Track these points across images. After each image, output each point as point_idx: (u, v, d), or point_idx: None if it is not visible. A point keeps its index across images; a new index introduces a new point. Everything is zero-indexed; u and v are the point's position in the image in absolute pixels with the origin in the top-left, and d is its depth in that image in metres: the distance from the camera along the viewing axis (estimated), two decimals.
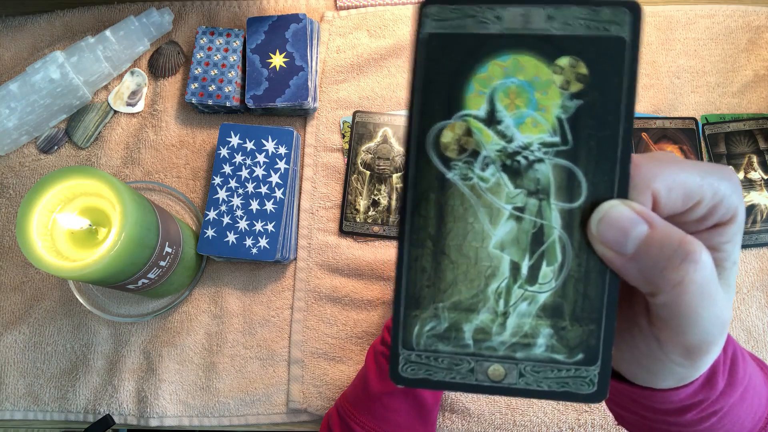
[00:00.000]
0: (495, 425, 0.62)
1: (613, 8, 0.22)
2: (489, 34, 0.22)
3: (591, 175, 0.22)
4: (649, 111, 0.71)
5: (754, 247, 0.66)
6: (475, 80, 0.23)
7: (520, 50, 0.22)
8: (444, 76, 0.23)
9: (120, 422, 0.64)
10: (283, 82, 0.68)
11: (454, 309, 0.23)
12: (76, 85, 0.70)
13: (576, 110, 0.22)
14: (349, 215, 0.68)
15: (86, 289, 0.67)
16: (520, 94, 0.22)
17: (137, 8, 0.76)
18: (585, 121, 0.22)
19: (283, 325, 0.66)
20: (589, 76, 0.22)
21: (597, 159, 0.22)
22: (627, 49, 0.22)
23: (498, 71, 0.22)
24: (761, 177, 0.68)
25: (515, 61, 0.22)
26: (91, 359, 0.66)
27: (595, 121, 0.22)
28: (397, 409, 0.52)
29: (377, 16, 0.74)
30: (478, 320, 0.23)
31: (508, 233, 0.23)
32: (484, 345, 0.23)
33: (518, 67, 0.22)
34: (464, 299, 0.23)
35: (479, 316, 0.23)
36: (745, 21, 0.73)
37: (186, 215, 0.69)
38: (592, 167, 0.22)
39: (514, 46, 0.22)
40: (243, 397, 0.64)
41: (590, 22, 0.22)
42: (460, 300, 0.23)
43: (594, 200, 0.22)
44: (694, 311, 0.21)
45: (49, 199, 0.51)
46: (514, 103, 0.23)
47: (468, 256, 0.23)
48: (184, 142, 0.72)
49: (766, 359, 0.62)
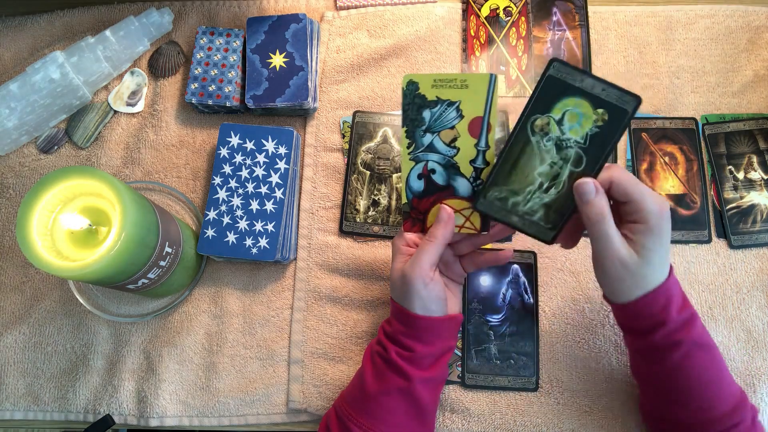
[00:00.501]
0: (495, 425, 0.61)
1: (629, 95, 0.46)
2: (574, 86, 0.46)
3: (588, 160, 0.47)
4: (649, 111, 0.71)
5: (754, 247, 0.66)
6: (561, 102, 0.47)
7: (583, 98, 0.46)
8: (549, 96, 0.47)
9: (120, 422, 0.64)
10: (283, 82, 0.68)
11: (508, 191, 0.50)
12: (76, 85, 0.70)
13: (595, 133, 0.47)
14: (349, 215, 0.68)
15: (86, 289, 0.67)
16: (575, 116, 0.47)
17: (137, 8, 0.76)
18: (596, 139, 0.47)
19: (283, 325, 0.66)
20: (607, 121, 0.46)
21: (593, 155, 0.47)
22: (627, 115, 0.46)
23: (571, 103, 0.47)
24: (761, 177, 0.68)
25: (579, 102, 0.47)
26: (91, 359, 0.66)
27: (600, 139, 0.47)
28: (394, 409, 0.52)
29: (377, 16, 0.74)
30: (516, 198, 0.49)
31: (545, 170, 0.48)
32: (514, 209, 0.50)
33: (579, 105, 0.47)
34: (514, 189, 0.49)
35: (518, 197, 0.49)
36: (745, 21, 0.73)
37: (186, 215, 0.69)
38: (590, 157, 0.47)
39: (582, 95, 0.46)
40: (243, 397, 0.64)
41: (618, 98, 0.46)
42: (512, 189, 0.49)
43: (584, 172, 0.47)
44: (595, 231, 0.46)
45: (49, 199, 0.51)
46: (572, 119, 0.47)
47: (525, 173, 0.49)
48: (184, 142, 0.72)
49: (766, 359, 0.62)
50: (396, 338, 0.53)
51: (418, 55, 0.73)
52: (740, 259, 0.66)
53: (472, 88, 0.49)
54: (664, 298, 0.49)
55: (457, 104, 0.50)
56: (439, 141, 0.51)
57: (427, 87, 0.50)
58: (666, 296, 0.49)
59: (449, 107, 0.50)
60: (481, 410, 0.62)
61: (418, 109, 0.50)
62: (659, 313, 0.49)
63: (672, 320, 0.49)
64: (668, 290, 0.49)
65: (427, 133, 0.51)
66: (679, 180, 0.68)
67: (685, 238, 0.66)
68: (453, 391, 0.63)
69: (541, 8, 0.75)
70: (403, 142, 0.52)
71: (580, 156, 0.47)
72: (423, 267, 0.51)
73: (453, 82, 0.49)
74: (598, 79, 0.45)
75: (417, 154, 0.52)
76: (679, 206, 0.67)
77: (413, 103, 0.50)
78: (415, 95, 0.50)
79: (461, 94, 0.49)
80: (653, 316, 0.49)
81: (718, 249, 0.66)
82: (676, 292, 0.50)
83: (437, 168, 0.52)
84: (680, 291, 0.51)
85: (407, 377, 0.52)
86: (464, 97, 0.49)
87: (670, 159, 0.69)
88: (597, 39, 0.73)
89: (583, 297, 0.65)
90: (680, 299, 0.50)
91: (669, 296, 0.49)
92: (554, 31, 0.74)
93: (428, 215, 0.54)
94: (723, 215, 0.67)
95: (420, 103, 0.50)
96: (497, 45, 0.74)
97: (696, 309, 0.64)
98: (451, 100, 0.50)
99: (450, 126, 0.50)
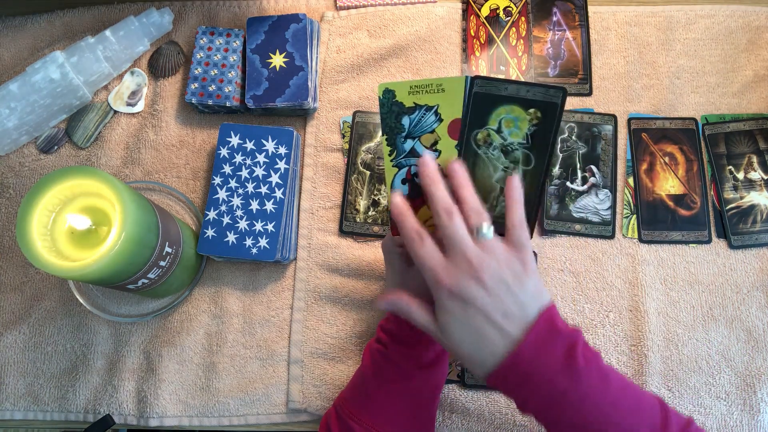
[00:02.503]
0: (495, 425, 0.62)
1: (555, 89, 0.47)
2: (501, 95, 0.48)
3: (536, 156, 0.49)
4: (649, 111, 0.71)
5: (754, 247, 0.66)
6: (494, 114, 0.48)
7: (513, 104, 0.48)
8: (481, 110, 0.49)
9: (120, 422, 0.64)
10: (283, 82, 0.68)
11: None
12: (76, 85, 0.70)
13: (534, 131, 0.48)
14: (349, 215, 0.68)
15: (86, 289, 0.67)
16: (511, 122, 0.48)
17: (137, 8, 0.76)
18: (537, 135, 0.48)
19: (283, 325, 0.66)
20: (541, 118, 0.48)
21: (539, 150, 0.48)
22: (558, 108, 0.47)
23: (503, 111, 0.48)
24: (761, 177, 0.68)
25: (511, 108, 0.48)
26: (91, 359, 0.66)
27: (541, 135, 0.48)
28: (394, 406, 0.52)
29: (377, 16, 0.74)
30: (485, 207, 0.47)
31: (500, 175, 0.50)
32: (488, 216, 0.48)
33: (512, 111, 0.48)
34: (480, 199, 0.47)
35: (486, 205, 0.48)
36: (745, 21, 0.73)
37: (186, 215, 0.69)
38: (537, 153, 0.49)
39: (511, 102, 0.48)
40: (243, 397, 0.64)
41: (544, 94, 0.47)
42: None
43: (537, 167, 0.49)
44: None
45: (49, 199, 0.51)
46: (508, 125, 0.49)
47: (484, 184, 0.50)
48: (184, 142, 0.72)
49: (766, 359, 0.62)
50: (396, 335, 0.53)
51: (418, 56, 0.73)
52: (740, 259, 0.66)
53: (448, 91, 0.49)
54: (514, 376, 0.42)
55: (435, 108, 0.50)
56: (420, 146, 0.52)
57: (403, 94, 0.50)
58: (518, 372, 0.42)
59: (428, 112, 0.50)
60: (480, 410, 0.62)
61: (397, 117, 0.51)
62: (501, 376, 0.43)
63: (539, 395, 0.42)
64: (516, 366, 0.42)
65: (408, 139, 0.51)
66: (679, 180, 0.68)
67: (685, 238, 0.66)
68: (453, 391, 0.63)
69: (541, 8, 0.75)
70: (385, 150, 0.52)
71: (527, 155, 0.49)
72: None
73: (429, 87, 0.50)
74: (520, 83, 0.48)
75: (399, 160, 0.52)
76: (679, 206, 0.67)
77: (391, 111, 0.51)
78: (393, 103, 0.51)
79: (438, 98, 0.50)
80: (497, 375, 0.43)
81: (718, 249, 0.66)
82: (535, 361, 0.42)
83: None
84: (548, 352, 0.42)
85: (407, 374, 0.52)
86: (442, 101, 0.50)
87: (670, 159, 0.69)
88: (597, 39, 0.73)
89: (583, 297, 0.65)
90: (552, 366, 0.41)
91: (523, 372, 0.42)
92: (554, 31, 0.74)
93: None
94: (723, 215, 0.67)
95: (398, 110, 0.51)
96: (497, 45, 0.74)
97: (696, 309, 0.65)
98: (429, 104, 0.50)
99: (430, 130, 0.51)
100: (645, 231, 0.67)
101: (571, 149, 0.69)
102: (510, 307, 0.43)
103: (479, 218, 0.44)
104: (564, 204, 0.67)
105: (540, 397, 0.41)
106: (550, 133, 0.48)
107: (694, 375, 0.62)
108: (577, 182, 0.68)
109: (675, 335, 0.64)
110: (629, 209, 0.67)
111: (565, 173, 0.68)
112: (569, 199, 0.68)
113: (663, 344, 0.63)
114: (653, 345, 0.63)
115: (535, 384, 0.41)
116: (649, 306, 0.64)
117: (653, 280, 0.65)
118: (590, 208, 0.67)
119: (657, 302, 0.65)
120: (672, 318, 0.64)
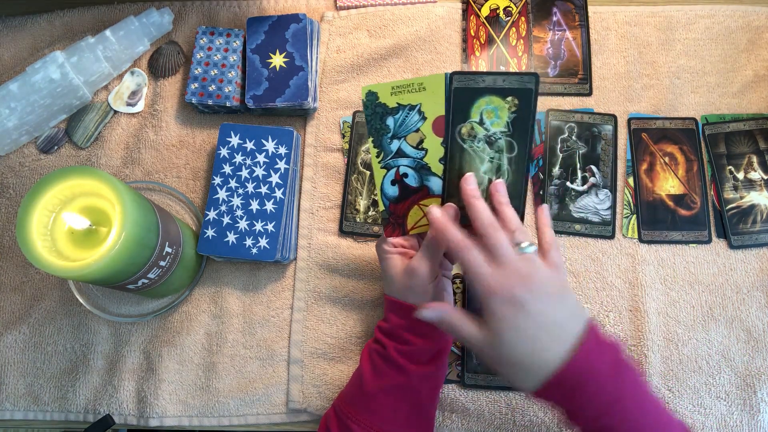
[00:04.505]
0: (495, 425, 0.61)
1: (528, 75, 0.49)
2: (479, 87, 0.50)
3: (518, 142, 0.51)
4: (649, 111, 0.71)
5: (754, 247, 0.66)
6: (475, 106, 0.50)
7: (492, 94, 0.50)
8: (462, 104, 0.50)
9: (120, 422, 0.64)
10: (283, 82, 0.68)
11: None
12: (76, 85, 0.70)
13: (513, 118, 0.50)
14: (349, 215, 0.68)
15: (86, 289, 0.67)
16: (491, 112, 0.51)
17: (137, 8, 0.76)
18: (517, 122, 0.51)
19: (283, 325, 0.66)
20: (519, 104, 0.50)
21: (520, 136, 0.51)
22: (533, 94, 0.50)
23: (483, 102, 0.50)
24: (761, 177, 0.68)
25: (490, 99, 0.50)
26: (91, 359, 0.66)
27: (520, 121, 0.50)
28: (393, 406, 0.52)
29: (377, 16, 0.74)
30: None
31: (487, 167, 0.52)
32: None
33: (491, 101, 0.50)
34: None
35: None
36: (745, 21, 0.73)
37: (186, 215, 0.69)
38: (518, 139, 0.51)
39: (489, 93, 0.50)
40: (243, 397, 0.64)
41: (519, 82, 0.49)
42: None
43: (520, 153, 0.52)
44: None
45: (49, 199, 0.51)
46: (490, 116, 0.51)
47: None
48: (184, 142, 0.72)
49: (766, 359, 0.62)
50: (395, 333, 0.53)
51: (418, 55, 0.73)
52: (740, 259, 0.66)
53: (429, 89, 0.50)
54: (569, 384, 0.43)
55: (418, 107, 0.51)
56: (407, 145, 0.52)
57: (386, 95, 0.51)
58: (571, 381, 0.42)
59: (411, 111, 0.51)
60: (480, 410, 0.62)
61: (381, 118, 0.51)
62: (551, 389, 0.43)
63: (590, 406, 0.42)
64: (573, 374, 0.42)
65: (394, 140, 0.52)
66: (679, 180, 0.68)
67: (685, 238, 0.66)
68: (452, 391, 0.63)
69: (541, 8, 0.75)
70: (372, 152, 0.53)
71: (510, 143, 0.51)
72: (434, 261, 0.51)
73: (410, 87, 0.50)
74: (495, 73, 0.50)
75: (387, 161, 0.53)
76: (679, 206, 0.67)
77: (375, 113, 0.51)
78: (376, 105, 0.51)
79: (420, 97, 0.50)
80: (545, 391, 0.44)
81: (718, 249, 0.66)
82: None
83: (409, 171, 0.53)
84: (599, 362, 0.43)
85: (406, 373, 0.52)
86: (424, 99, 0.50)
87: (670, 159, 0.69)
88: (597, 39, 0.73)
89: (583, 297, 0.65)
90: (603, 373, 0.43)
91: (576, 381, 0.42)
92: (554, 31, 0.74)
93: (407, 218, 0.55)
94: (723, 215, 0.67)
95: (382, 111, 0.51)
96: (497, 45, 0.74)
97: (696, 309, 0.65)
98: (411, 104, 0.51)
99: (415, 129, 0.52)
100: (645, 231, 0.67)
101: (571, 149, 0.69)
102: (559, 316, 0.44)
103: (524, 235, 0.47)
104: (564, 204, 0.67)
105: (594, 406, 0.42)
106: (529, 117, 0.50)
107: (694, 375, 0.62)
108: (577, 182, 0.68)
109: (675, 335, 0.64)
110: (629, 209, 0.67)
111: (565, 173, 0.68)
112: (569, 199, 0.68)
113: (663, 344, 0.63)
114: (653, 345, 0.63)
115: (590, 393, 0.42)
116: (649, 306, 0.64)
117: (653, 280, 0.65)
118: (590, 208, 0.67)
119: (657, 302, 0.65)
120: (672, 318, 0.64)
